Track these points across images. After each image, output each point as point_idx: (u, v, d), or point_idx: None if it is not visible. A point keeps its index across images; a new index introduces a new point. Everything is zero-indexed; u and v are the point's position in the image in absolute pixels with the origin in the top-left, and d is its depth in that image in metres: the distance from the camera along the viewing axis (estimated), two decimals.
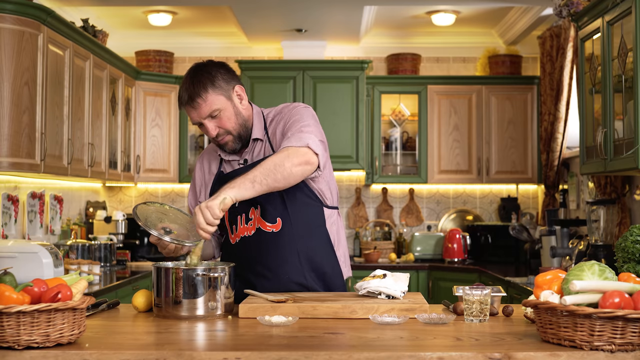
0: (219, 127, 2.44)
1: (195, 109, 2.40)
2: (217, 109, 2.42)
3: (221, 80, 2.43)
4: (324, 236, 2.57)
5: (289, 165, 2.27)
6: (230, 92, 2.46)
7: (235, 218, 2.54)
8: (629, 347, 1.69)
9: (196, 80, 2.41)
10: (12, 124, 3.85)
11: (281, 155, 2.29)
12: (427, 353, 1.70)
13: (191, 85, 2.40)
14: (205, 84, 2.40)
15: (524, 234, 5.50)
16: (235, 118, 2.46)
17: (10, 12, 3.87)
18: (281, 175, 2.26)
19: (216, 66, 2.46)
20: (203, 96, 2.39)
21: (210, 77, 2.42)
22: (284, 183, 2.29)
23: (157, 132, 6.06)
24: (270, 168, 2.25)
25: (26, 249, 3.45)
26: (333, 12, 5.46)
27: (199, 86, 2.39)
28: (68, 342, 1.77)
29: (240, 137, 2.49)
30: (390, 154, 6.37)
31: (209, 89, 2.40)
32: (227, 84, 2.45)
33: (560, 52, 5.47)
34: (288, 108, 2.55)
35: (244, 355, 1.70)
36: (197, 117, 2.42)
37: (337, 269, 2.60)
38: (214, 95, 2.41)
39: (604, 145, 3.76)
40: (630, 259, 2.16)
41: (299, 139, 2.34)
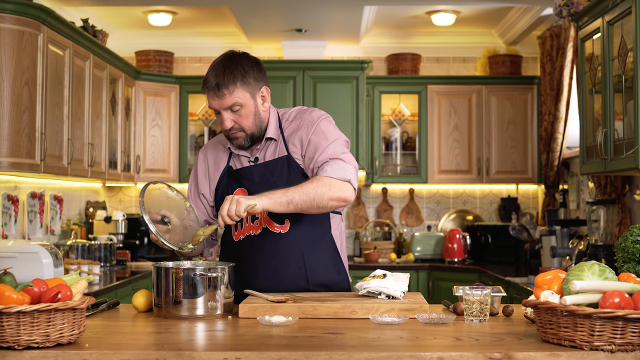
0: (235, 122, 2.43)
1: (218, 97, 2.38)
2: (240, 105, 2.40)
3: (252, 78, 2.42)
4: (330, 241, 2.57)
5: (328, 199, 2.32)
6: (257, 92, 2.45)
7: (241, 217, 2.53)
8: (629, 347, 1.69)
9: (229, 70, 2.39)
10: (12, 124, 3.85)
11: (323, 186, 2.32)
12: (427, 353, 1.70)
13: (222, 74, 2.38)
14: (236, 77, 2.38)
15: (524, 234, 5.50)
16: (254, 118, 2.44)
17: (10, 12, 3.87)
18: (317, 206, 2.32)
19: (251, 61, 2.45)
20: (230, 88, 2.37)
21: (243, 72, 2.40)
22: (315, 211, 2.36)
23: (157, 132, 6.06)
24: (311, 196, 2.30)
25: (26, 249, 3.45)
26: (333, 12, 5.46)
27: (230, 77, 2.37)
28: (68, 342, 1.77)
29: (252, 137, 2.47)
30: (390, 154, 6.37)
31: (238, 83, 2.38)
32: (256, 83, 2.44)
33: (560, 52, 5.47)
34: (309, 115, 2.53)
35: (244, 355, 1.70)
36: (217, 105, 2.40)
37: (344, 274, 2.60)
38: (241, 90, 2.39)
39: (604, 145, 3.76)
40: (630, 259, 2.16)
41: (342, 171, 2.37)
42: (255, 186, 2.49)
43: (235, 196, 2.22)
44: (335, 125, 2.55)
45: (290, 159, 2.49)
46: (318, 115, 2.53)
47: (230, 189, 2.55)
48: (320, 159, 2.42)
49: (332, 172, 2.36)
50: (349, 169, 2.39)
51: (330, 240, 2.57)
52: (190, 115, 6.27)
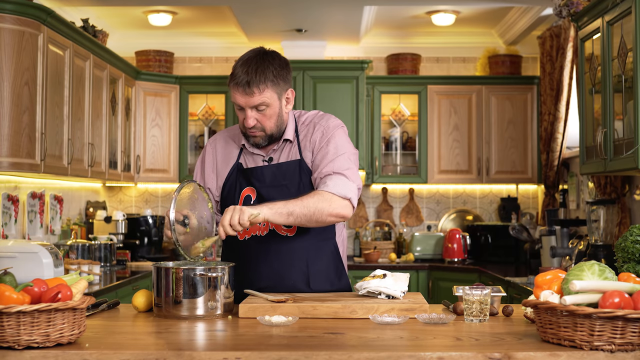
0: (259, 121, 2.41)
1: (247, 95, 2.36)
2: (266, 105, 2.38)
3: (281, 79, 2.41)
4: (333, 248, 2.57)
5: (327, 214, 2.33)
6: (283, 93, 2.44)
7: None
8: (629, 347, 1.69)
9: (261, 68, 2.36)
10: (12, 124, 3.85)
11: (324, 201, 2.33)
12: (427, 353, 1.70)
13: (254, 71, 2.35)
14: (267, 77, 2.36)
15: (524, 234, 5.50)
16: (276, 119, 2.43)
17: (10, 12, 3.87)
18: (315, 220, 2.33)
19: (282, 62, 2.44)
20: (261, 88, 2.35)
21: (275, 72, 2.39)
22: (313, 225, 2.37)
23: (157, 132, 6.06)
24: (311, 210, 2.30)
25: (26, 249, 3.45)
26: (333, 12, 5.46)
27: (262, 76, 2.35)
28: (68, 342, 1.77)
29: (270, 137, 2.46)
30: (390, 154, 6.37)
31: (269, 83, 2.37)
32: (284, 84, 2.43)
33: (560, 52, 5.47)
34: (325, 122, 2.53)
35: (244, 355, 1.70)
36: (243, 102, 2.38)
37: (345, 280, 2.60)
38: (271, 91, 2.38)
39: (604, 145, 3.76)
40: (630, 259, 2.16)
41: (344, 188, 2.37)
42: (265, 187, 2.48)
43: (237, 206, 2.21)
44: (348, 136, 2.55)
45: (303, 163, 2.49)
46: (334, 124, 2.52)
47: (238, 186, 2.52)
48: (324, 170, 2.42)
49: (333, 188, 2.36)
50: (350, 186, 2.40)
51: (334, 246, 2.57)
52: (190, 115, 6.27)
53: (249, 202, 2.48)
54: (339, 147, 2.47)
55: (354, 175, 2.43)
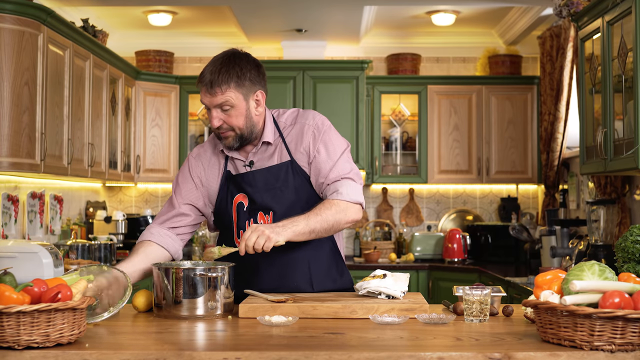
0: (224, 121, 2.40)
1: (210, 94, 2.37)
2: (230, 105, 2.38)
3: (248, 80, 2.40)
4: (332, 243, 2.57)
5: (344, 223, 2.42)
6: (251, 95, 2.42)
7: (243, 223, 2.47)
8: (629, 347, 1.69)
9: (225, 69, 2.37)
10: (12, 124, 3.85)
11: (341, 212, 2.39)
12: (427, 353, 1.70)
13: (217, 72, 2.36)
14: (231, 77, 2.36)
15: (524, 234, 5.50)
16: (244, 120, 2.41)
17: (10, 12, 3.87)
18: (334, 230, 2.41)
19: (251, 64, 2.42)
20: (223, 88, 2.35)
21: (240, 73, 2.38)
22: (329, 234, 2.44)
23: (157, 132, 6.06)
24: (330, 223, 2.37)
25: (26, 249, 3.44)
26: (333, 12, 5.46)
27: (225, 77, 2.36)
28: (68, 342, 1.77)
29: (242, 138, 2.43)
30: (390, 154, 6.37)
31: (232, 83, 2.36)
32: (252, 86, 2.41)
33: (560, 52, 5.47)
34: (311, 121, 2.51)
35: (244, 355, 1.70)
36: (207, 102, 2.39)
37: (347, 275, 2.60)
38: (234, 91, 2.37)
39: (604, 145, 3.76)
40: (630, 259, 2.16)
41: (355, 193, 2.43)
42: (258, 192, 2.46)
43: (263, 229, 2.21)
44: (335, 129, 2.55)
45: (294, 164, 2.47)
46: (321, 121, 2.51)
47: (230, 194, 2.50)
48: (331, 176, 2.44)
49: (347, 195, 2.41)
50: (359, 190, 2.45)
51: (332, 243, 2.57)
52: (190, 115, 6.27)
53: (242, 209, 2.45)
54: (336, 148, 2.48)
55: (357, 175, 2.48)
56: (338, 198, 2.40)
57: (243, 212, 2.47)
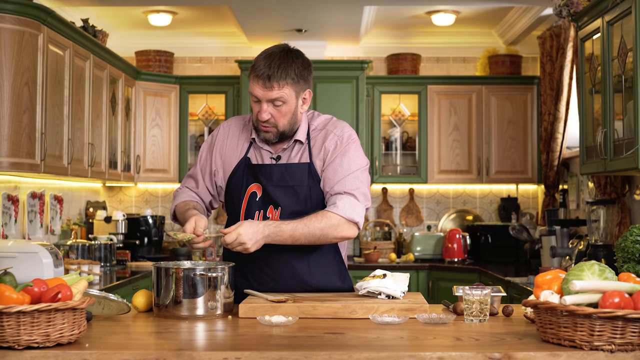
0: (273, 116, 2.41)
1: (265, 88, 2.37)
2: (283, 101, 2.39)
3: (302, 79, 2.42)
4: (334, 249, 2.57)
5: (332, 237, 2.38)
6: (301, 93, 2.45)
7: (253, 213, 2.49)
8: (629, 347, 1.69)
9: (284, 65, 2.38)
10: (12, 124, 3.85)
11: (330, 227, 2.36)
12: (427, 353, 1.70)
13: (277, 67, 2.36)
14: (290, 74, 2.38)
15: (524, 234, 5.50)
16: (290, 117, 2.44)
17: (10, 12, 3.87)
18: (320, 242, 2.40)
19: (305, 62, 2.45)
20: (281, 84, 2.37)
21: (297, 71, 2.40)
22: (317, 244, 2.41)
23: (157, 132, 6.06)
24: (316, 237, 2.35)
25: (26, 249, 3.45)
26: (333, 12, 5.46)
27: (284, 72, 2.37)
28: (68, 342, 1.77)
29: (282, 135, 2.46)
30: (390, 154, 6.37)
31: (289, 80, 2.38)
32: (304, 84, 2.44)
33: (560, 52, 5.47)
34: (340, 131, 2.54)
35: (244, 355, 1.70)
36: (260, 95, 2.39)
37: (348, 282, 2.60)
38: (290, 88, 2.39)
39: (604, 145, 3.76)
40: (630, 259, 2.16)
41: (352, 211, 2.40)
42: (272, 185, 2.47)
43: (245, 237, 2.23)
44: (360, 146, 2.56)
45: (312, 167, 2.48)
46: (348, 135, 2.53)
47: (245, 181, 2.51)
48: (336, 188, 2.44)
49: (342, 210, 2.38)
50: (359, 209, 2.42)
51: (334, 249, 2.57)
52: (190, 115, 6.27)
53: (255, 198, 2.47)
54: (351, 163, 2.47)
55: (362, 195, 2.45)
56: (333, 211, 2.38)
57: (255, 202, 2.48)
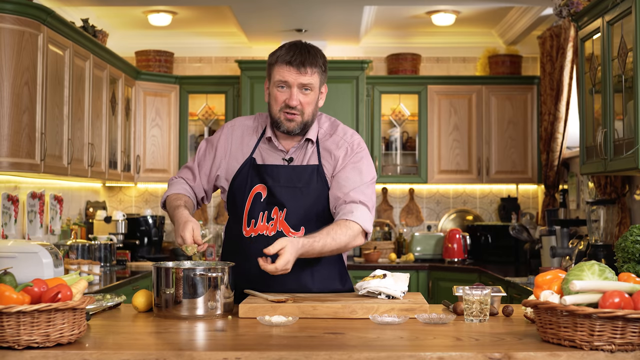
0: (301, 103, 2.45)
1: (299, 73, 2.42)
2: (311, 88, 2.45)
3: (325, 70, 2.50)
4: (338, 256, 2.57)
5: (350, 247, 2.44)
6: (323, 85, 2.52)
7: (257, 214, 2.48)
8: (629, 347, 1.69)
9: (313, 53, 2.46)
10: (12, 124, 3.85)
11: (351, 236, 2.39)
12: (427, 353, 1.70)
13: (308, 54, 2.45)
14: (318, 62, 2.46)
15: (524, 234, 5.50)
16: (314, 107, 2.49)
17: (10, 12, 3.87)
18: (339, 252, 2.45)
19: (324, 56, 2.53)
20: (314, 69, 2.44)
21: (323, 61, 2.49)
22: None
23: (157, 132, 6.06)
24: (340, 249, 2.40)
25: (26, 249, 3.45)
26: (333, 12, 5.46)
27: (316, 58, 2.45)
28: (68, 342, 1.77)
29: (305, 125, 2.49)
30: (390, 154, 6.37)
31: (318, 68, 2.46)
32: (324, 77, 2.52)
33: (560, 52, 5.47)
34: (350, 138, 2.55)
35: (244, 355, 1.70)
36: (292, 79, 2.42)
37: (349, 285, 2.59)
38: (318, 76, 2.47)
39: (604, 145, 3.76)
40: (630, 259, 2.16)
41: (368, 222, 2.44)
42: (279, 187, 2.47)
43: (292, 259, 2.22)
44: (369, 155, 2.58)
45: (320, 170, 2.49)
46: (358, 143, 2.55)
47: (250, 182, 2.50)
48: (352, 195, 2.45)
49: (361, 219, 2.42)
50: (371, 219, 2.48)
51: (339, 255, 2.57)
52: (190, 115, 6.27)
53: (259, 199, 2.47)
54: (364, 173, 2.50)
55: (373, 207, 2.51)
56: (353, 220, 2.40)
57: (259, 203, 2.48)
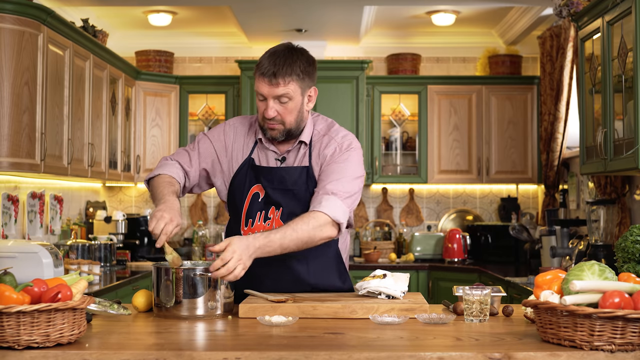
0: (279, 113, 2.41)
1: (271, 85, 2.37)
2: (289, 98, 2.39)
3: (307, 76, 2.43)
4: (335, 253, 2.56)
5: (318, 239, 2.33)
6: (307, 90, 2.46)
7: (254, 213, 2.49)
8: (629, 347, 1.69)
9: (289, 62, 2.38)
10: (12, 124, 3.85)
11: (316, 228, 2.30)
12: (427, 353, 1.70)
13: (282, 63, 2.37)
14: (295, 70, 2.38)
15: (524, 234, 5.50)
16: (297, 114, 2.44)
17: (10, 12, 3.87)
18: (307, 246, 2.34)
19: (310, 59, 2.47)
20: (286, 80, 2.37)
21: (303, 67, 2.41)
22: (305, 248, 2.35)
23: (157, 132, 6.06)
24: (304, 241, 2.30)
25: (26, 249, 3.45)
26: (333, 12, 5.46)
27: (289, 68, 2.37)
28: (68, 342, 1.77)
29: (288, 132, 2.45)
30: (390, 154, 6.37)
31: (294, 76, 2.38)
32: (309, 81, 2.45)
33: (560, 52, 5.47)
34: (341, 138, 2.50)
35: (244, 355, 1.70)
36: (266, 92, 2.38)
37: (349, 283, 2.59)
38: (295, 84, 2.40)
39: (604, 145, 3.76)
40: (630, 259, 2.16)
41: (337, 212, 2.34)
42: (272, 188, 2.47)
43: (245, 258, 2.16)
44: (360, 157, 2.52)
45: (310, 171, 2.48)
46: (349, 143, 2.50)
47: (248, 182, 2.51)
48: (327, 187, 2.39)
49: (330, 210, 2.34)
50: (343, 211, 2.37)
51: (336, 252, 2.56)
52: (190, 115, 6.27)
53: (257, 199, 2.47)
54: (348, 168, 2.45)
55: (350, 199, 2.41)
56: (318, 209, 2.34)
57: (257, 203, 2.48)
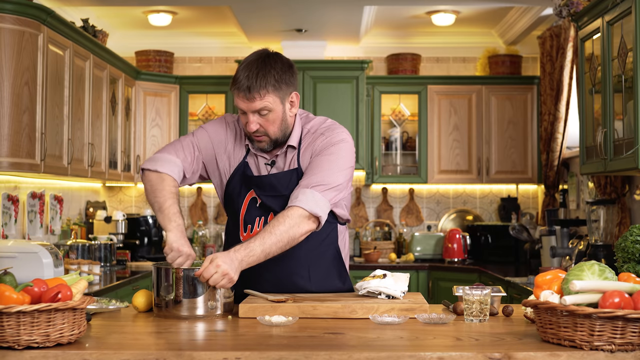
0: (261, 125, 2.36)
1: (248, 100, 2.32)
2: (268, 110, 2.34)
3: (284, 83, 2.36)
4: (335, 252, 2.55)
5: (298, 236, 2.28)
6: (287, 97, 2.39)
7: (253, 219, 2.47)
8: (629, 347, 1.69)
9: (262, 73, 2.32)
10: (12, 124, 3.85)
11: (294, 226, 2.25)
12: (427, 353, 1.70)
13: (255, 76, 2.30)
14: (269, 82, 2.32)
15: (524, 234, 5.50)
16: (280, 123, 2.38)
17: (10, 12, 3.87)
18: (290, 246, 2.29)
19: (285, 65, 2.38)
20: (262, 93, 2.31)
21: (277, 76, 2.34)
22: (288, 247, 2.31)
23: (157, 132, 6.06)
24: (285, 242, 2.25)
25: (26, 249, 3.45)
26: (333, 12, 5.46)
27: (263, 81, 2.31)
28: (68, 342, 1.77)
29: (276, 142, 2.42)
30: (390, 154, 6.37)
31: (270, 87, 2.32)
32: (287, 88, 2.38)
33: (560, 52, 5.47)
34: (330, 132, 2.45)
35: (244, 355, 1.70)
36: (245, 107, 2.34)
37: (348, 283, 2.59)
38: (273, 95, 2.33)
39: (604, 145, 3.76)
40: (630, 259, 2.16)
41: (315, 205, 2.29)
42: (265, 195, 2.45)
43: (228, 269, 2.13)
44: (352, 152, 2.46)
45: (299, 171, 2.45)
46: (340, 138, 2.44)
47: (244, 188, 2.48)
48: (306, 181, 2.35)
49: (306, 203, 2.29)
50: (322, 203, 2.32)
51: (335, 251, 2.55)
52: (190, 115, 6.27)
53: (255, 204, 2.45)
54: (332, 160, 2.39)
55: (332, 191, 2.36)
56: (295, 204, 2.29)
57: (255, 208, 2.46)
